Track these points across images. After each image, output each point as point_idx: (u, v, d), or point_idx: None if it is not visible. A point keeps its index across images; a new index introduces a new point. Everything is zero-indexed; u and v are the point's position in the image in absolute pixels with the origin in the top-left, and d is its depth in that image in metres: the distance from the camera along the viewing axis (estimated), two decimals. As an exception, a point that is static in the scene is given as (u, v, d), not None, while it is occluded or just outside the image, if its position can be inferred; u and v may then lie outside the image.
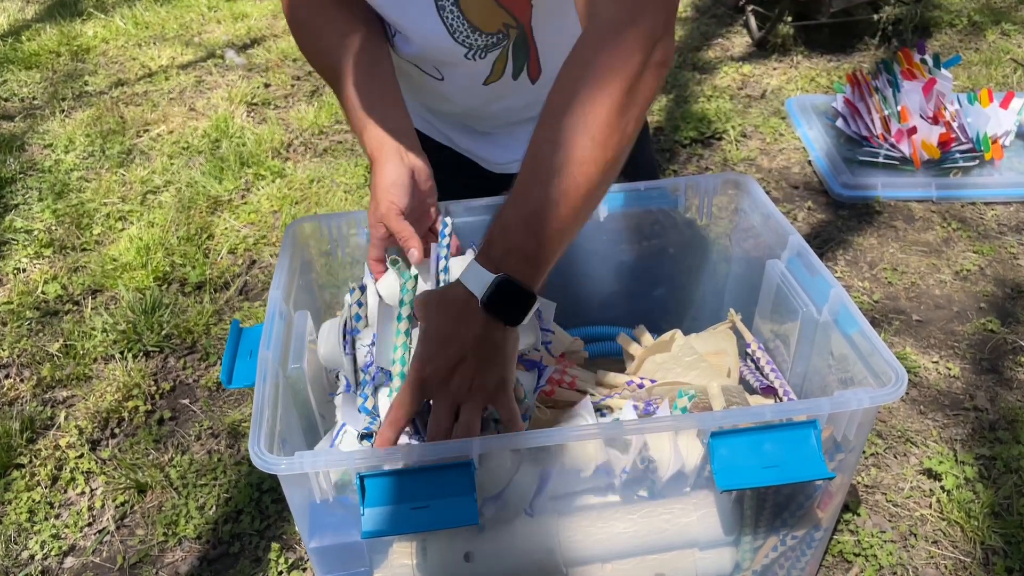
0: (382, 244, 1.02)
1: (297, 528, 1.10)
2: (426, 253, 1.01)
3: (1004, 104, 2.23)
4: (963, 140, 2.16)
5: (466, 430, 0.82)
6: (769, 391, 1.12)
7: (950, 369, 1.61)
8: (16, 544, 1.36)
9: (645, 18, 0.79)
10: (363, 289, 1.06)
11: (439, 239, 1.04)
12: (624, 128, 0.79)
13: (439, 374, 0.81)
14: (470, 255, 1.04)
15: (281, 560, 1.30)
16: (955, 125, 2.16)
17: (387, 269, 1.04)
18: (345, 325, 1.04)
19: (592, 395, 1.04)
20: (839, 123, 2.30)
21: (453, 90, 1.11)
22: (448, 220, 1.05)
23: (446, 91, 1.12)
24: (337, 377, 1.08)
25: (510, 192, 0.80)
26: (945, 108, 2.19)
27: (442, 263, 1.00)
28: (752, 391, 1.13)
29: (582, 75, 0.79)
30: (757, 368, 1.15)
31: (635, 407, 0.97)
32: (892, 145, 2.18)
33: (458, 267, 0.91)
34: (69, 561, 1.34)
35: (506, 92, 1.11)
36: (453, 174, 1.18)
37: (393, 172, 0.96)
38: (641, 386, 1.04)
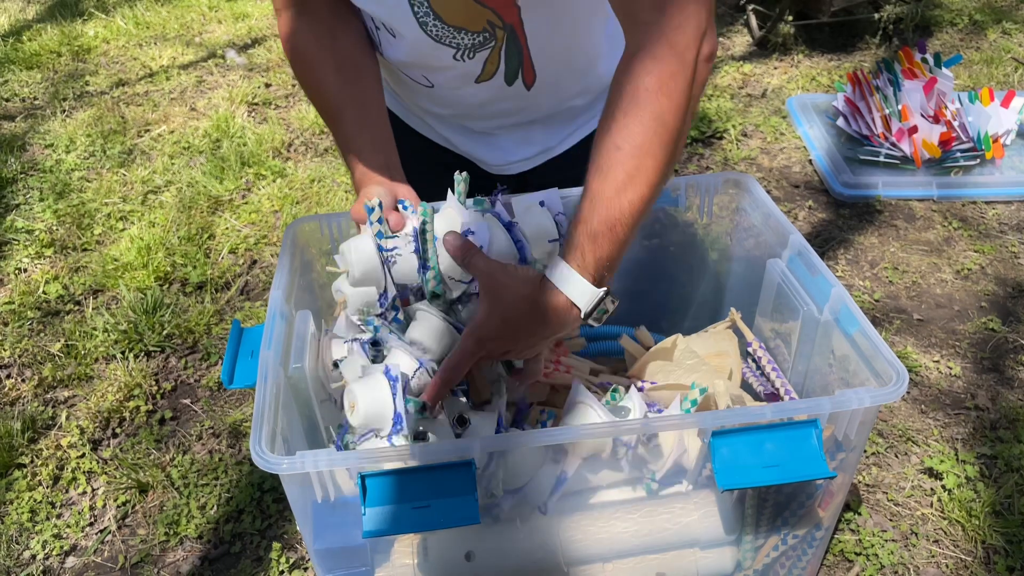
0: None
1: (298, 527, 1.10)
2: None
3: (1005, 103, 2.23)
4: (964, 139, 2.16)
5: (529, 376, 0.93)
6: (773, 399, 1.11)
7: (951, 368, 1.61)
8: (18, 544, 1.36)
9: (689, 18, 0.82)
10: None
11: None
12: (685, 128, 0.85)
13: (501, 349, 0.86)
14: (450, 211, 1.01)
15: (282, 559, 1.30)
16: (956, 124, 2.16)
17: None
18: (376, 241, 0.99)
19: (597, 381, 1.04)
20: (840, 122, 2.30)
21: (446, 94, 1.12)
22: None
23: (439, 96, 1.13)
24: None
25: (585, 199, 0.83)
26: (946, 107, 2.19)
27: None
28: (756, 396, 1.13)
29: (643, 83, 0.82)
30: (758, 368, 1.15)
31: (643, 402, 0.97)
32: (893, 144, 2.18)
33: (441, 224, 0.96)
34: (71, 561, 1.34)
35: (501, 96, 1.11)
36: (451, 174, 1.19)
37: (374, 192, 0.99)
38: (641, 388, 1.04)
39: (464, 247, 0.90)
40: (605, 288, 0.83)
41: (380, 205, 0.96)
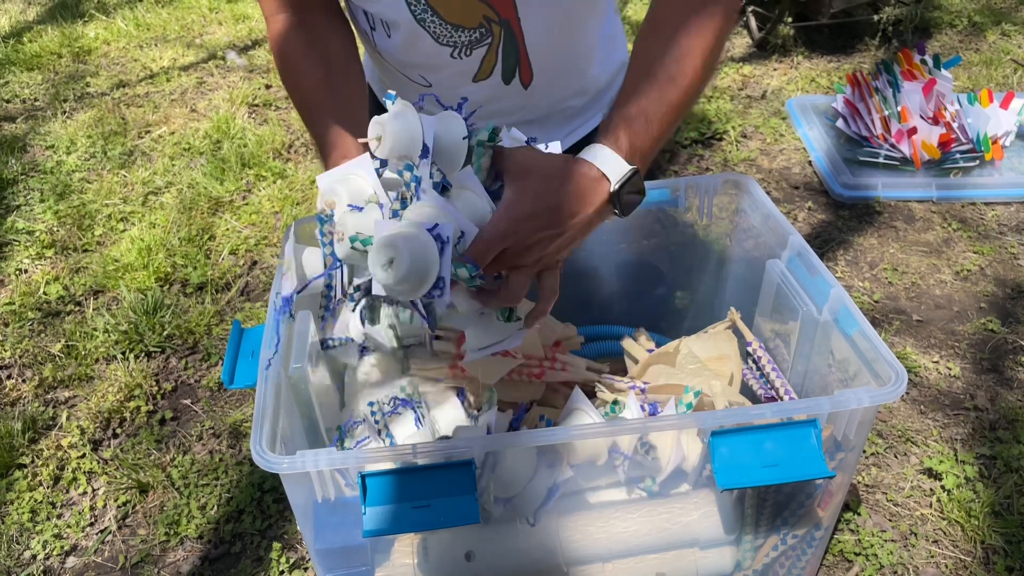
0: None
1: (299, 527, 1.10)
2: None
3: (1004, 104, 2.23)
4: (963, 140, 2.16)
5: (552, 294, 0.84)
6: (773, 402, 1.12)
7: (950, 369, 1.61)
8: (18, 544, 1.36)
9: None
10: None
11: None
12: (720, 52, 0.90)
13: (536, 234, 0.79)
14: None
15: (283, 559, 1.30)
16: (955, 125, 2.16)
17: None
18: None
19: (596, 379, 1.04)
20: (839, 123, 2.30)
21: (443, 93, 1.11)
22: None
23: (437, 96, 1.13)
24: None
25: (626, 88, 0.86)
26: (945, 109, 2.19)
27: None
28: (756, 400, 1.13)
29: (689, 4, 0.87)
30: (758, 368, 1.15)
31: (642, 407, 0.97)
32: (892, 145, 2.19)
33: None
34: (71, 561, 1.34)
35: (499, 95, 1.11)
36: None
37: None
38: (643, 390, 1.05)
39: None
40: (635, 167, 0.81)
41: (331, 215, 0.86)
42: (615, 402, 1.00)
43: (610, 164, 0.81)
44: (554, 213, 0.79)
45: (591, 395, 1.05)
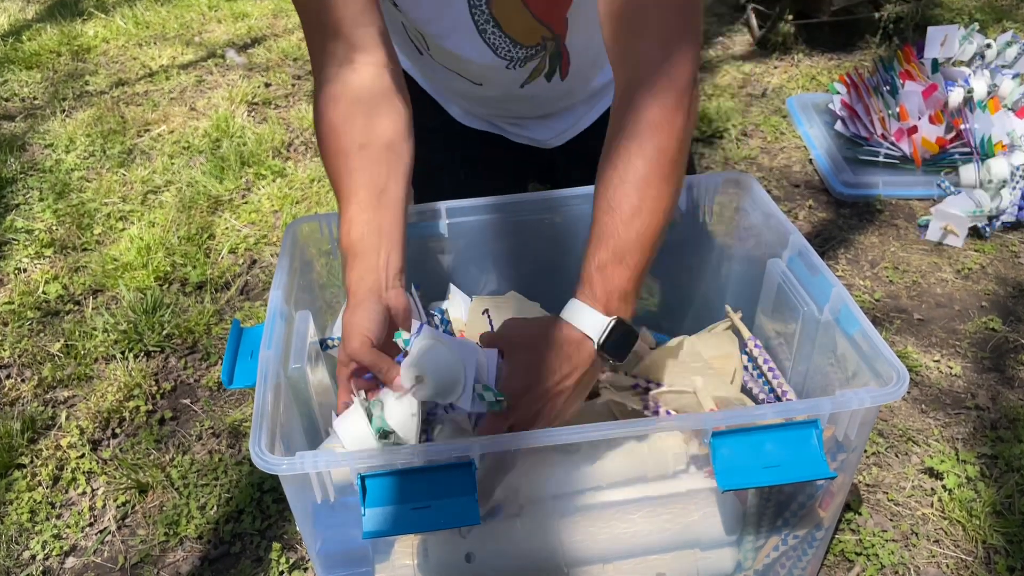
0: (348, 385, 0.88)
1: (298, 528, 1.10)
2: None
3: (1020, 114, 2.17)
4: (964, 141, 2.15)
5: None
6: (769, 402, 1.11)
7: (951, 368, 1.60)
8: (17, 544, 1.36)
9: (688, 54, 0.84)
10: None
11: (436, 325, 1.04)
12: (685, 158, 0.87)
13: (534, 406, 0.84)
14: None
15: (282, 560, 1.30)
16: (962, 128, 2.14)
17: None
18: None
19: (602, 385, 1.04)
20: (838, 126, 2.30)
21: (490, 92, 1.18)
22: (444, 306, 1.07)
23: (482, 93, 1.18)
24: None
25: (593, 234, 0.86)
26: (944, 112, 2.17)
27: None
28: (754, 400, 1.13)
29: (645, 117, 0.84)
30: (756, 367, 1.15)
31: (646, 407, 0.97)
32: (892, 144, 2.18)
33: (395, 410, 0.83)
34: (70, 561, 1.34)
35: (540, 92, 1.17)
36: (505, 151, 1.32)
37: (368, 311, 0.88)
38: (647, 389, 1.04)
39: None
40: (616, 317, 0.83)
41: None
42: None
43: (589, 321, 0.83)
44: (547, 381, 0.83)
45: (595, 394, 1.05)
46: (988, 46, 2.29)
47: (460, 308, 1.17)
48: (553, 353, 0.83)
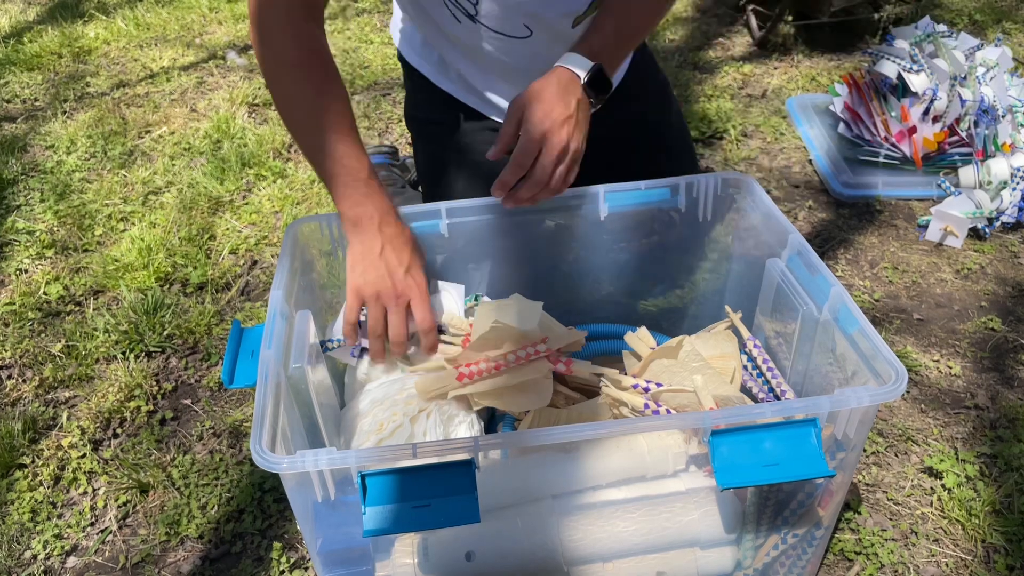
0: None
1: (299, 527, 1.10)
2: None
3: None
4: (964, 141, 2.15)
5: (564, 184, 1.10)
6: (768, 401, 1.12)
7: (951, 367, 1.61)
8: (19, 544, 1.36)
9: None
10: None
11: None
12: None
13: (551, 119, 1.05)
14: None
15: (283, 559, 1.30)
16: (964, 131, 2.13)
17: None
18: None
19: (603, 383, 1.05)
20: (840, 128, 2.30)
21: (538, 43, 1.27)
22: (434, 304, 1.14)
23: (531, 50, 1.28)
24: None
25: (604, 8, 1.16)
26: (944, 116, 2.17)
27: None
28: (753, 399, 1.13)
29: None
30: (755, 367, 1.15)
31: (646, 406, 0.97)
32: (893, 145, 2.18)
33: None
34: (71, 561, 1.34)
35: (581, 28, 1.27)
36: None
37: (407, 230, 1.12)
38: (647, 389, 1.05)
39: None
40: (598, 63, 1.09)
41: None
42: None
43: (577, 63, 1.10)
44: (558, 101, 1.07)
45: (595, 393, 1.05)
46: (980, 47, 2.27)
47: (453, 301, 1.16)
48: (556, 87, 1.08)
